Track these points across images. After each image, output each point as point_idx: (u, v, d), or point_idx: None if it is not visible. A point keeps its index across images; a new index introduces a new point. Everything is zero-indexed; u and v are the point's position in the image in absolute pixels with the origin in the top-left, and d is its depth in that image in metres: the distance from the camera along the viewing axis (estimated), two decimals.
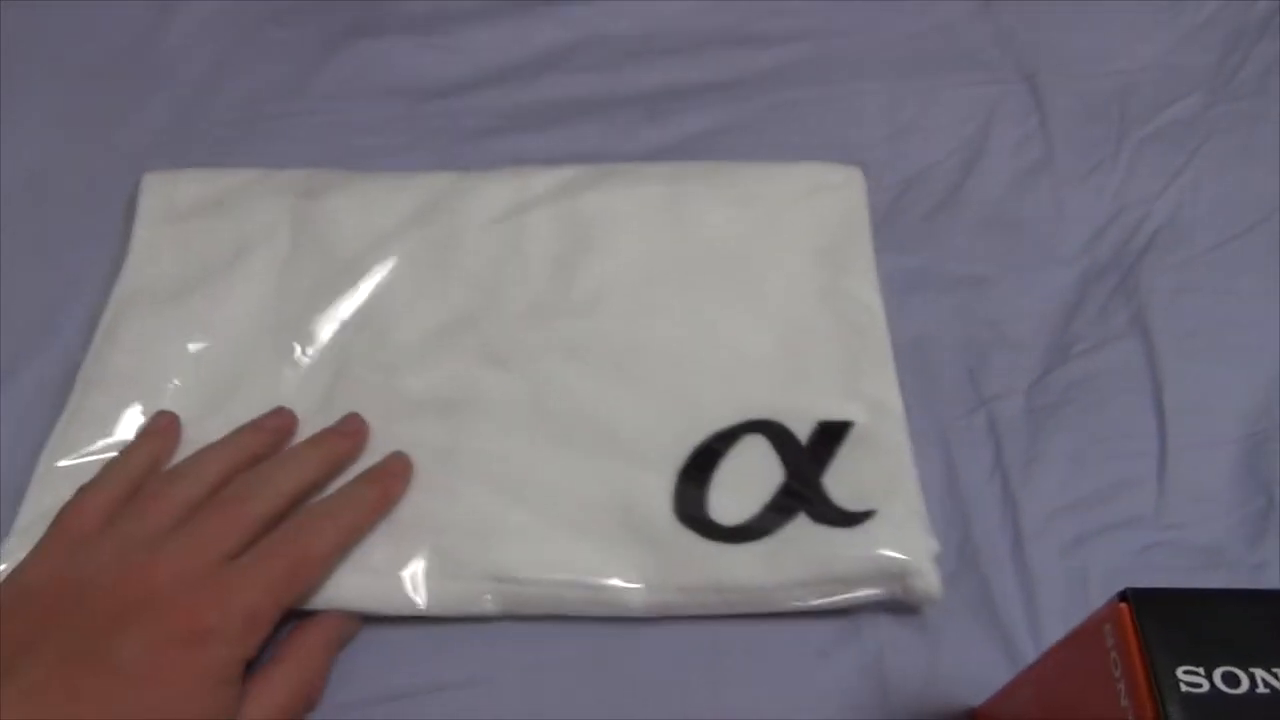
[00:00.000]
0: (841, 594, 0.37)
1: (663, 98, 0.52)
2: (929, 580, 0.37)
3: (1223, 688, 0.23)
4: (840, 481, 0.39)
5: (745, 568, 0.38)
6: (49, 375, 0.43)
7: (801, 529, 0.38)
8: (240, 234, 0.45)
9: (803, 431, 0.41)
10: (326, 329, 0.43)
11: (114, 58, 0.53)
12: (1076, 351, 0.45)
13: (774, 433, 0.41)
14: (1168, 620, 0.24)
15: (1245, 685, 0.23)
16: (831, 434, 0.41)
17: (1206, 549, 0.40)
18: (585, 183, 0.47)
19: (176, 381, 0.42)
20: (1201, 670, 0.23)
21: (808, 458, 0.40)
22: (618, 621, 0.38)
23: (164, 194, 0.46)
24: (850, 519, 0.38)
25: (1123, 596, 0.24)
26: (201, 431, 0.40)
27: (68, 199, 0.48)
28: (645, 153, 0.50)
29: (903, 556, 0.37)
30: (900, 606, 0.38)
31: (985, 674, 0.35)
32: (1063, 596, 0.39)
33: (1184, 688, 0.23)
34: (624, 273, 0.45)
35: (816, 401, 0.41)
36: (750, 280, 0.45)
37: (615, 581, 0.38)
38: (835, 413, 0.41)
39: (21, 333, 0.44)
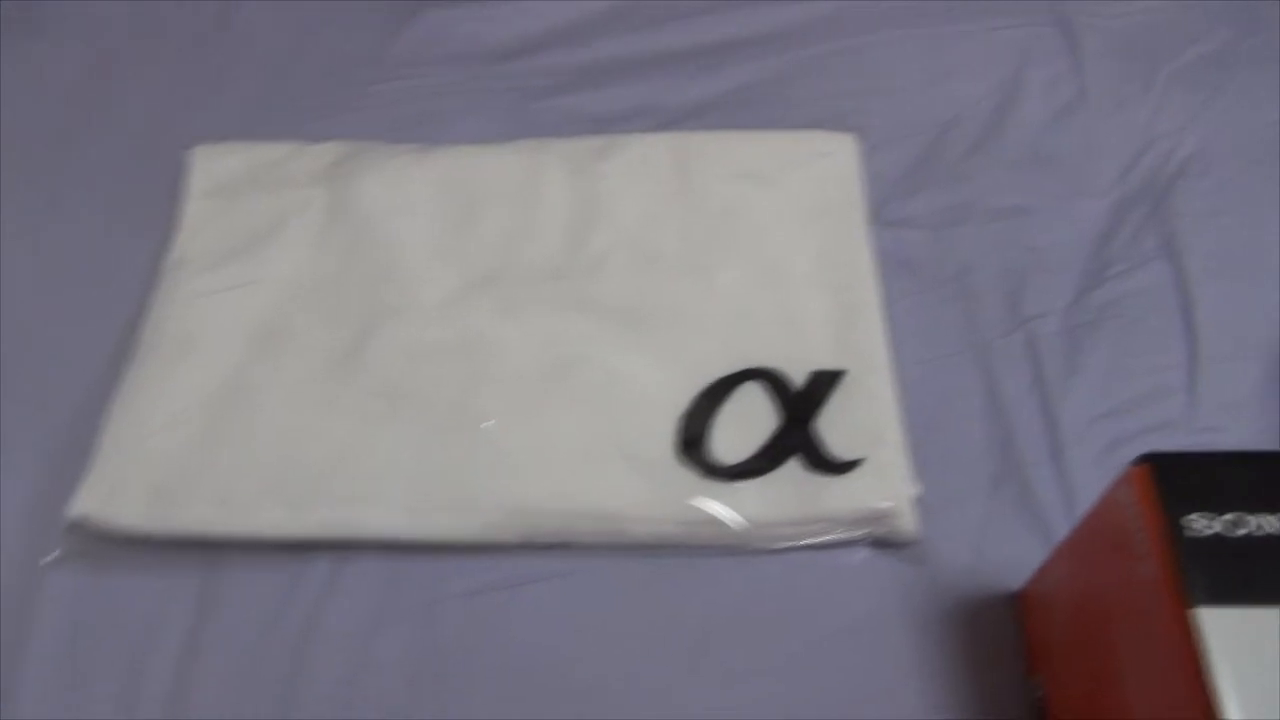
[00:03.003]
0: (828, 533, 0.41)
1: (706, 54, 0.56)
2: (907, 522, 0.41)
3: (1227, 533, 0.26)
4: (832, 426, 0.43)
5: (741, 504, 0.41)
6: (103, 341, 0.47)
7: (794, 473, 0.42)
8: (277, 206, 0.49)
9: (798, 379, 0.44)
10: (358, 288, 0.47)
11: (195, 39, 0.58)
12: (1110, 274, 0.48)
13: (771, 380, 0.44)
14: (1182, 478, 0.27)
15: (1248, 528, 0.26)
16: (824, 382, 0.44)
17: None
18: (595, 154, 0.51)
19: (226, 339, 0.45)
20: (1209, 517, 0.26)
21: (802, 403, 0.43)
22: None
23: (209, 169, 0.51)
24: (839, 467, 0.42)
25: (1143, 459, 0.28)
26: (249, 378, 0.44)
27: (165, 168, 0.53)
28: (695, 105, 0.54)
29: (886, 504, 0.41)
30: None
31: (1027, 562, 0.39)
32: (1099, 494, 0.42)
33: (1191, 532, 0.26)
34: (631, 236, 0.48)
35: (811, 353, 0.45)
36: (749, 242, 0.48)
37: (620, 512, 0.41)
38: (828, 363, 0.44)
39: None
